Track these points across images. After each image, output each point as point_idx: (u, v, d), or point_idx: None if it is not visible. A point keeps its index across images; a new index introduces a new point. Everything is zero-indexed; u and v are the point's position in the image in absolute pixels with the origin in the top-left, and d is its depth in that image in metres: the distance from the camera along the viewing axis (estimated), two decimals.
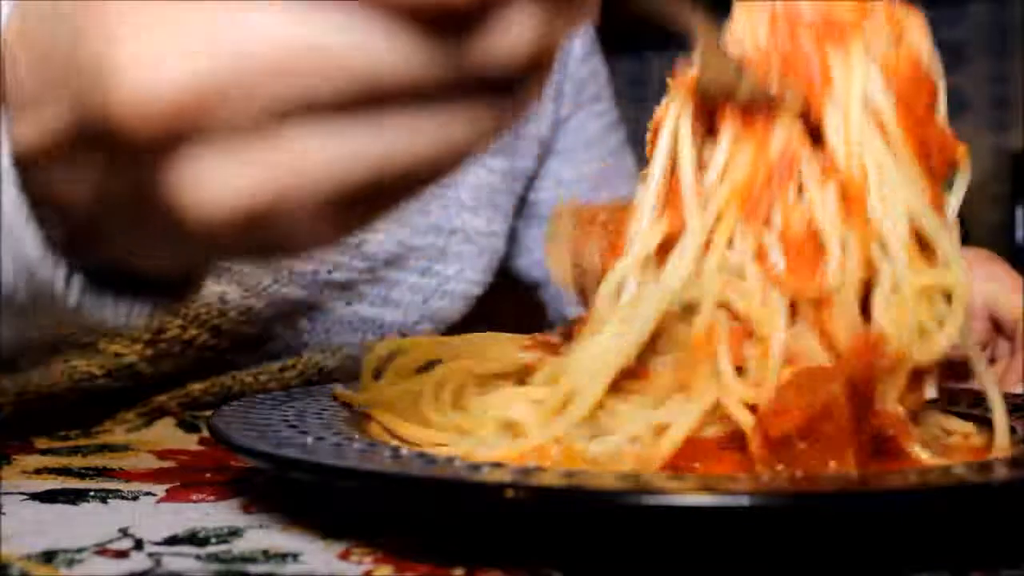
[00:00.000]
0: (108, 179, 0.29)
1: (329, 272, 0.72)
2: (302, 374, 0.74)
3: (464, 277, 0.81)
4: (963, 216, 0.43)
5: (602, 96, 0.97)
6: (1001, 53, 2.01)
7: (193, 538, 0.38)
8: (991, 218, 1.74)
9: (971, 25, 2.03)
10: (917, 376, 0.39)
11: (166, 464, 0.52)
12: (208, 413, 0.53)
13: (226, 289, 0.68)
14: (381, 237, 0.73)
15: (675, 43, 0.39)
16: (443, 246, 0.79)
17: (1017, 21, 1.98)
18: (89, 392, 0.67)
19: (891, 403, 0.38)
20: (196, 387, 0.71)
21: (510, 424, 0.41)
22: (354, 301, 0.75)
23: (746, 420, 0.38)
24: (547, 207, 0.93)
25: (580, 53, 0.93)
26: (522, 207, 0.91)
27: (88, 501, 0.43)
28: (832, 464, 0.36)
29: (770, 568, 0.36)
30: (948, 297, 0.39)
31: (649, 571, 0.36)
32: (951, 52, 2.05)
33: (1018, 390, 0.57)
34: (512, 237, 0.93)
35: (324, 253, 0.69)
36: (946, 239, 0.39)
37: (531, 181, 0.90)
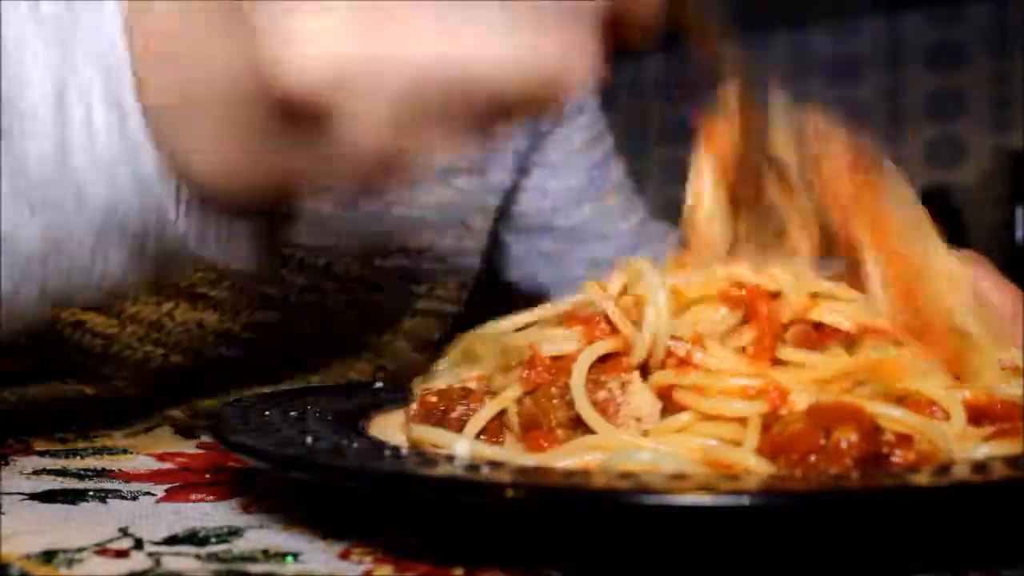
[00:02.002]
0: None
1: (301, 294, 0.72)
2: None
3: (435, 295, 0.81)
4: (963, 216, 0.43)
5: (586, 108, 0.96)
6: (1001, 53, 2.00)
7: (193, 538, 0.38)
8: (991, 218, 1.74)
9: (971, 25, 2.03)
10: None
11: (165, 465, 0.52)
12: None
13: (202, 315, 0.68)
14: (348, 259, 0.74)
15: (675, 43, 0.39)
16: (411, 266, 0.79)
17: (1017, 21, 1.98)
18: (82, 409, 0.68)
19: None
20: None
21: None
22: (329, 321, 0.75)
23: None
24: (535, 217, 0.92)
25: None
26: (508, 221, 0.91)
27: (87, 501, 0.43)
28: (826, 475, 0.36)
29: (770, 568, 0.36)
30: None
31: (649, 571, 0.36)
32: (951, 52, 2.05)
33: None
34: (501, 250, 0.93)
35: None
36: None
37: (510, 195, 0.90)
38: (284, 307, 0.72)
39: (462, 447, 0.40)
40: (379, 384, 0.57)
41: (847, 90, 2.18)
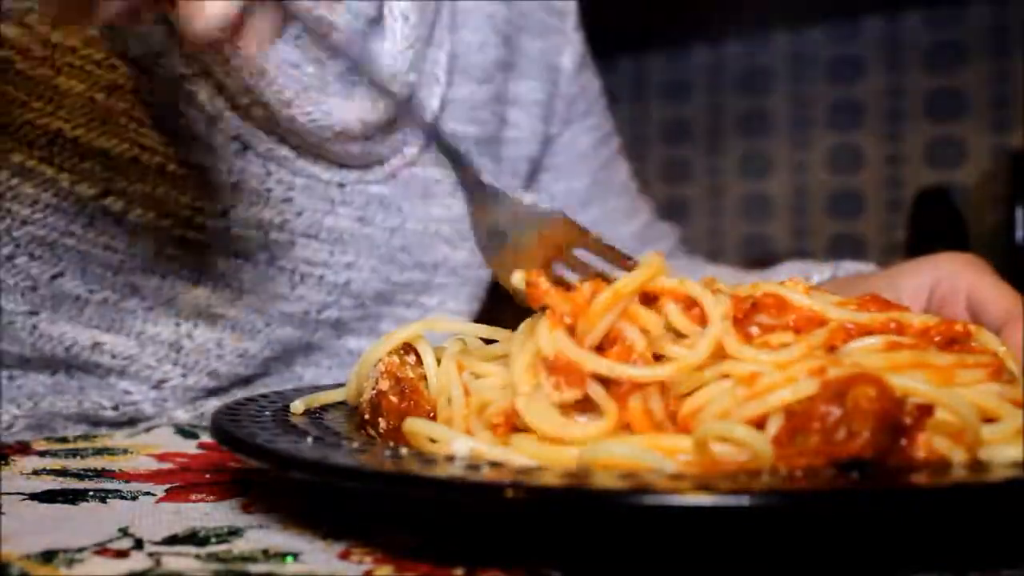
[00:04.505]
0: None
1: (319, 312, 0.72)
2: None
3: (446, 308, 0.81)
4: (963, 216, 0.43)
5: (593, 110, 0.95)
6: (1001, 53, 2.00)
7: (193, 538, 0.38)
8: (991, 218, 1.74)
9: (971, 25, 2.03)
10: None
11: (165, 465, 0.52)
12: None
13: (221, 335, 0.68)
14: (367, 275, 0.74)
15: (676, 43, 0.39)
16: (426, 280, 0.79)
17: (1017, 21, 1.98)
18: (97, 419, 0.68)
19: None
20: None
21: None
22: (344, 335, 0.75)
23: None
24: None
25: (570, 69, 0.92)
26: None
27: (87, 501, 0.43)
28: (847, 444, 0.35)
29: (770, 568, 0.36)
30: None
31: (649, 571, 0.36)
32: (951, 52, 2.05)
33: None
34: None
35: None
36: None
37: None
38: (302, 324, 0.72)
39: (461, 445, 0.40)
40: None
41: (847, 90, 2.18)
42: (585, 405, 0.41)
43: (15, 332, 0.65)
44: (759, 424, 0.38)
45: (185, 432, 0.62)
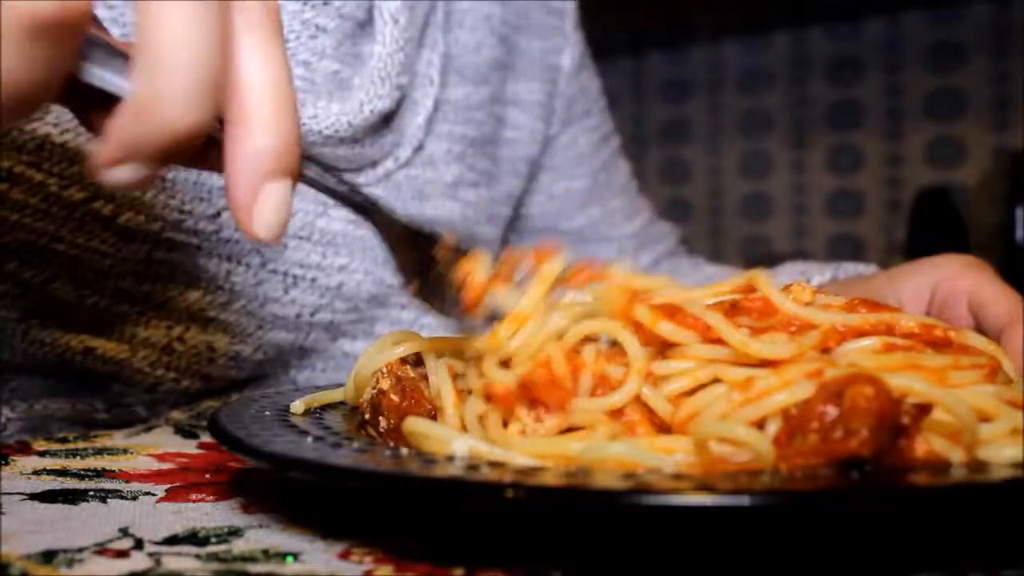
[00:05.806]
0: None
1: (312, 315, 0.72)
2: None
3: None
4: (963, 216, 0.43)
5: (592, 110, 0.95)
6: (1001, 53, 2.01)
7: (193, 538, 0.38)
8: (991, 218, 1.74)
9: (971, 25, 2.03)
10: None
11: (165, 465, 0.52)
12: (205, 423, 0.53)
13: (213, 338, 0.68)
14: (360, 278, 0.74)
15: (676, 43, 0.39)
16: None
17: (1017, 21, 1.98)
18: (92, 422, 0.68)
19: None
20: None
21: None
22: (339, 338, 0.75)
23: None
24: (539, 220, 0.93)
25: (569, 69, 0.92)
26: (513, 222, 0.91)
27: (87, 501, 0.43)
28: (846, 443, 0.35)
29: (770, 568, 0.36)
30: None
31: (649, 571, 0.36)
32: (951, 52, 2.05)
33: None
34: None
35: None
36: None
37: (520, 198, 0.90)
38: (295, 327, 0.72)
39: (460, 445, 0.40)
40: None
41: (847, 90, 2.18)
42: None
43: (6, 338, 0.65)
44: (757, 427, 0.38)
45: (185, 432, 0.62)
